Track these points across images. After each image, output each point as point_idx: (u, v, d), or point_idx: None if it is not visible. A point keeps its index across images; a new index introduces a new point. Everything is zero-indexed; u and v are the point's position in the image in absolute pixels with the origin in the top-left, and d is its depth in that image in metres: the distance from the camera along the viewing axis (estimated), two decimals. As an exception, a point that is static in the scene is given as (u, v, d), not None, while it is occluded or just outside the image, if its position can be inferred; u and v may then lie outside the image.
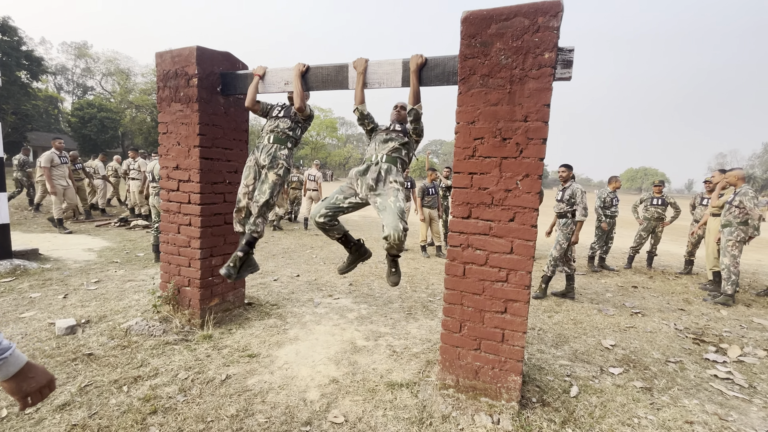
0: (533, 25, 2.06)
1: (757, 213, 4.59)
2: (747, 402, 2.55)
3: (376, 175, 2.55)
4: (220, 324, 3.31)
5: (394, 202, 2.44)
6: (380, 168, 2.57)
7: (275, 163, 2.89)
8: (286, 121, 3.00)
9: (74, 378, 2.41)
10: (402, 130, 2.71)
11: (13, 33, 25.52)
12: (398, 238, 2.35)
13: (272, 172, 2.88)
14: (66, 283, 4.22)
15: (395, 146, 2.63)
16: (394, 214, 2.39)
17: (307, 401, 2.32)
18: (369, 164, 2.61)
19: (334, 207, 2.64)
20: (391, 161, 2.59)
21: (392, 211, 2.41)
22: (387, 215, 2.41)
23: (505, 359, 2.26)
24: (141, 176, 8.78)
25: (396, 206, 2.43)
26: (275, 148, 2.93)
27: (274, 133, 2.96)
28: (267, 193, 2.84)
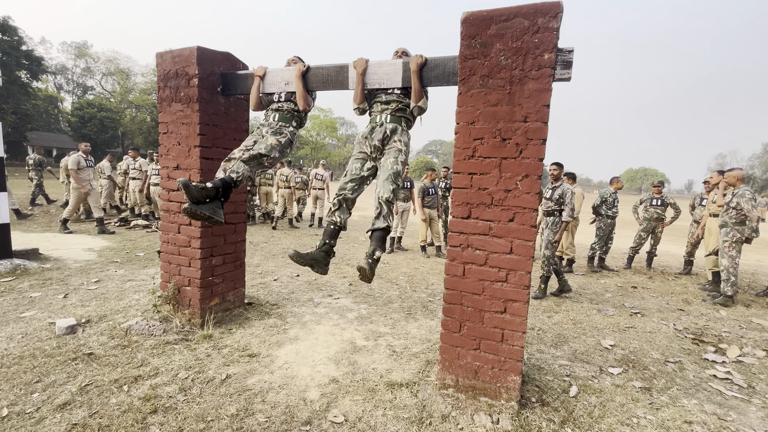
0: (533, 26, 2.06)
1: (755, 215, 4.59)
2: (746, 402, 2.56)
3: (382, 136, 2.52)
4: (220, 324, 3.32)
5: (393, 164, 2.45)
6: (385, 128, 2.53)
7: (279, 132, 2.86)
8: (290, 104, 2.99)
9: (74, 377, 2.41)
10: (401, 90, 2.62)
11: (13, 32, 25.54)
12: (387, 197, 2.40)
13: (274, 136, 2.82)
14: (66, 283, 4.22)
15: (398, 106, 2.57)
16: (387, 174, 2.42)
17: (307, 401, 2.33)
18: (374, 125, 2.58)
19: (356, 177, 2.59)
20: (395, 120, 2.54)
21: (386, 171, 2.44)
22: (381, 175, 2.46)
23: (504, 359, 2.26)
24: (141, 176, 8.80)
25: (393, 168, 2.44)
26: (280, 124, 2.92)
27: (279, 112, 2.95)
28: (262, 149, 2.74)
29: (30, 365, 2.52)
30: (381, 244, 2.44)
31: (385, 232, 2.46)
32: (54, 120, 42.84)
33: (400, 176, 2.48)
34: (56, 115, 43.02)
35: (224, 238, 3.42)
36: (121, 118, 35.74)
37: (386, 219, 2.45)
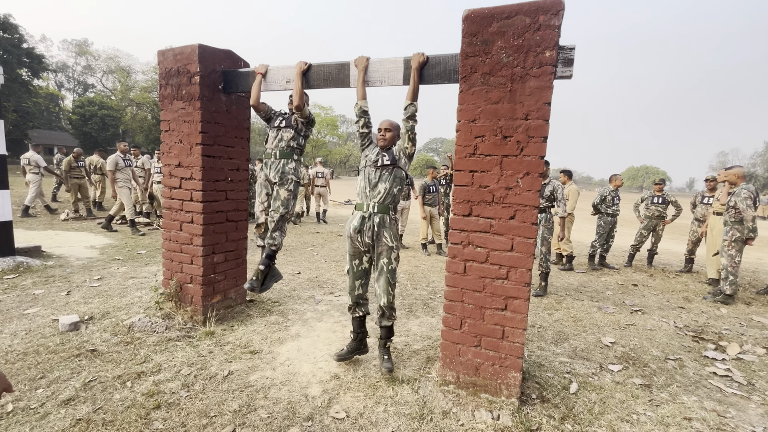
0: (534, 23, 2.06)
1: (749, 214, 4.57)
2: (745, 399, 2.57)
3: (371, 233, 2.54)
4: (222, 321, 3.33)
5: (387, 265, 2.56)
6: (373, 223, 2.53)
7: (285, 179, 3.03)
8: (289, 132, 3.06)
9: (78, 373, 2.43)
10: (391, 160, 2.57)
11: (13, 30, 25.53)
12: (389, 302, 2.60)
13: (283, 188, 3.03)
14: (69, 280, 4.24)
15: (386, 188, 2.54)
16: (385, 281, 2.57)
17: (309, 397, 2.34)
18: (362, 217, 2.56)
19: (360, 272, 2.69)
20: (383, 211, 2.54)
21: (383, 277, 2.57)
22: (380, 281, 2.59)
23: (505, 356, 2.27)
24: (144, 174, 8.82)
25: (387, 269, 2.56)
26: (282, 163, 3.04)
27: (279, 149, 3.06)
28: (281, 209, 3.02)
29: (34, 361, 2.54)
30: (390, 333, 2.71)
31: (392, 327, 2.71)
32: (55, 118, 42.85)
33: (396, 274, 2.62)
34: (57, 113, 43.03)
35: (226, 236, 3.43)
36: (122, 116, 35.72)
37: (390, 319, 2.66)
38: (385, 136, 2.60)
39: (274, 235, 3.05)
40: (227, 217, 3.43)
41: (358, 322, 2.79)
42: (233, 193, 3.47)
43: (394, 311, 2.67)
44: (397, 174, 2.58)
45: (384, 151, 2.60)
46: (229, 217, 3.45)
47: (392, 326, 2.71)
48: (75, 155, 9.03)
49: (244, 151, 3.55)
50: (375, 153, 2.62)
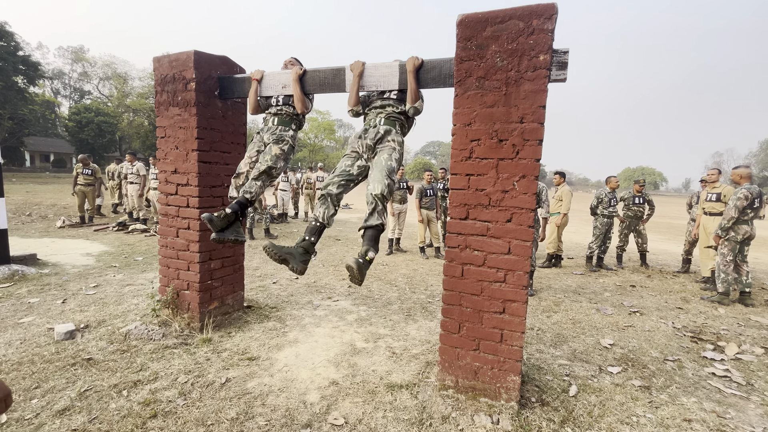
0: (528, 27, 2.08)
1: (728, 213, 4.59)
2: (745, 399, 2.57)
3: (374, 135, 2.51)
4: (219, 327, 3.31)
5: (386, 160, 2.42)
6: (378, 129, 2.53)
7: (281, 139, 2.90)
8: (288, 107, 3.01)
9: (74, 383, 2.40)
10: (398, 97, 2.64)
11: (9, 38, 25.50)
12: (381, 192, 2.32)
13: (277, 146, 2.86)
14: (64, 288, 4.21)
15: (393, 111, 2.59)
16: (381, 170, 2.38)
17: (307, 403, 2.32)
18: (368, 127, 2.58)
19: (345, 174, 2.55)
20: (389, 123, 2.55)
21: (380, 168, 2.39)
22: (374, 172, 2.40)
23: (503, 359, 2.27)
24: (140, 180, 8.79)
25: (386, 164, 2.40)
26: (280, 129, 2.94)
27: (278, 116, 2.97)
28: (269, 162, 2.79)
29: (29, 371, 2.51)
30: (374, 243, 2.33)
31: (378, 230, 2.37)
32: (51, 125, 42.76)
33: (395, 173, 2.44)
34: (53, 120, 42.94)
35: (223, 242, 3.41)
36: (118, 123, 35.66)
37: (380, 216, 2.36)
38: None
39: (252, 183, 2.79)
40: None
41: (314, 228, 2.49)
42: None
43: (386, 213, 2.45)
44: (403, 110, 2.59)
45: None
46: (226, 222, 3.44)
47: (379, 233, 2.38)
48: (82, 162, 8.97)
49: (241, 157, 3.55)
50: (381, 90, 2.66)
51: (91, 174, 8.88)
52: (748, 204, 4.55)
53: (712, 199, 5.40)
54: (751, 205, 4.57)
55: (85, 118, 33.58)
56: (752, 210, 4.59)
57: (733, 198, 4.59)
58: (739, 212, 4.55)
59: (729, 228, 4.63)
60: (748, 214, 4.60)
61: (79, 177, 8.79)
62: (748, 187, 4.60)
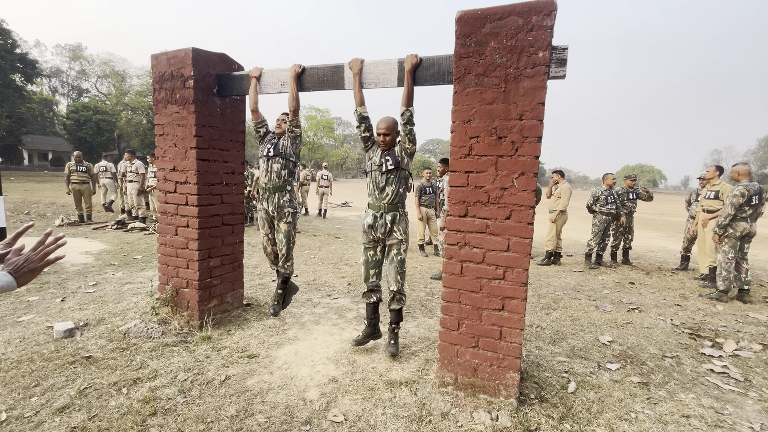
0: (527, 24, 2.07)
1: (725, 211, 4.60)
2: (742, 395, 2.58)
3: (384, 229, 2.76)
4: (218, 325, 3.31)
5: (396, 256, 2.77)
6: (385, 220, 2.75)
7: (282, 213, 3.17)
8: (279, 161, 3.12)
9: (73, 381, 2.41)
10: (394, 164, 2.67)
11: (6, 36, 25.37)
12: (399, 290, 2.81)
13: (283, 222, 3.18)
14: (63, 287, 4.21)
15: (393, 190, 2.72)
16: (393, 272, 2.77)
17: (307, 401, 2.33)
18: (374, 216, 2.78)
19: (373, 262, 2.88)
20: (393, 210, 2.75)
21: (393, 267, 2.78)
22: (390, 271, 2.79)
23: (503, 356, 2.27)
24: (138, 178, 8.77)
25: (396, 260, 2.77)
26: (277, 197, 3.15)
27: (272, 183, 3.14)
28: (286, 241, 3.21)
29: (28, 369, 2.51)
30: (399, 318, 2.92)
31: (401, 311, 2.92)
32: (49, 123, 42.60)
33: (404, 264, 2.81)
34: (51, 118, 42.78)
35: (222, 240, 3.41)
36: (116, 121, 35.54)
37: (400, 302, 2.86)
38: (385, 140, 2.71)
39: (287, 265, 3.28)
40: (223, 220, 3.41)
41: (372, 308, 2.98)
42: (229, 197, 3.45)
43: (404, 296, 2.88)
44: (401, 175, 2.75)
45: (386, 154, 2.72)
46: (225, 220, 3.44)
47: (401, 310, 2.92)
48: (76, 159, 8.68)
49: (240, 155, 3.54)
50: (378, 156, 2.76)
51: (85, 171, 8.63)
52: (745, 201, 4.55)
53: (711, 197, 5.41)
54: (748, 202, 4.56)
55: (83, 116, 33.46)
56: (750, 207, 4.58)
57: (730, 195, 4.60)
58: (735, 209, 4.55)
59: (726, 225, 4.64)
60: (746, 211, 4.59)
61: (72, 174, 8.53)
62: (745, 185, 4.59)
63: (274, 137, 3.18)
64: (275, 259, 3.39)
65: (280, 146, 3.12)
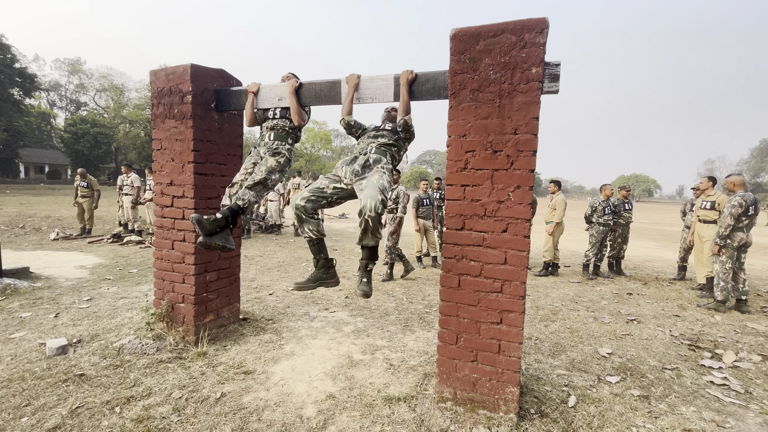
0: (520, 41, 2.12)
1: (725, 222, 4.63)
2: (744, 408, 2.56)
3: (363, 162, 2.49)
4: (214, 340, 3.27)
5: (378, 180, 2.36)
6: (369, 157, 2.51)
7: (277, 150, 2.92)
8: (285, 121, 3.06)
9: (65, 400, 2.36)
10: (392, 129, 2.73)
11: (6, 50, 25.58)
12: (374, 207, 2.19)
13: (273, 158, 2.87)
14: (57, 302, 4.15)
15: (386, 141, 2.65)
16: (375, 187, 2.29)
17: (304, 418, 2.29)
18: (357, 155, 2.61)
19: (317, 191, 2.52)
20: (380, 153, 2.56)
21: (373, 185, 2.31)
22: (366, 189, 2.30)
23: (502, 370, 2.25)
24: (134, 191, 8.76)
25: (378, 182, 2.33)
26: (276, 143, 2.97)
27: (274, 131, 3.01)
28: (264, 173, 2.78)
29: (19, 388, 2.46)
30: (373, 255, 2.44)
31: (375, 248, 2.42)
32: (47, 136, 42.65)
33: (387, 191, 2.36)
34: (49, 132, 42.84)
35: (218, 254, 3.40)
36: (114, 134, 35.66)
37: (374, 235, 2.33)
38: (390, 113, 2.80)
39: (245, 192, 2.74)
40: (220, 234, 3.40)
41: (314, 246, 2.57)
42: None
43: (379, 231, 2.34)
44: (396, 140, 2.69)
45: (387, 122, 2.78)
46: (222, 234, 3.42)
47: (376, 248, 2.42)
48: (80, 175, 9.00)
49: (237, 169, 3.55)
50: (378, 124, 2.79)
51: (86, 186, 8.85)
52: (743, 211, 4.60)
53: (707, 207, 5.46)
54: (745, 213, 4.61)
55: (81, 129, 33.55)
56: (747, 217, 4.63)
57: (728, 206, 4.64)
58: (734, 219, 4.59)
59: (727, 236, 4.67)
60: (743, 221, 4.64)
61: (78, 189, 8.84)
62: (742, 195, 4.65)
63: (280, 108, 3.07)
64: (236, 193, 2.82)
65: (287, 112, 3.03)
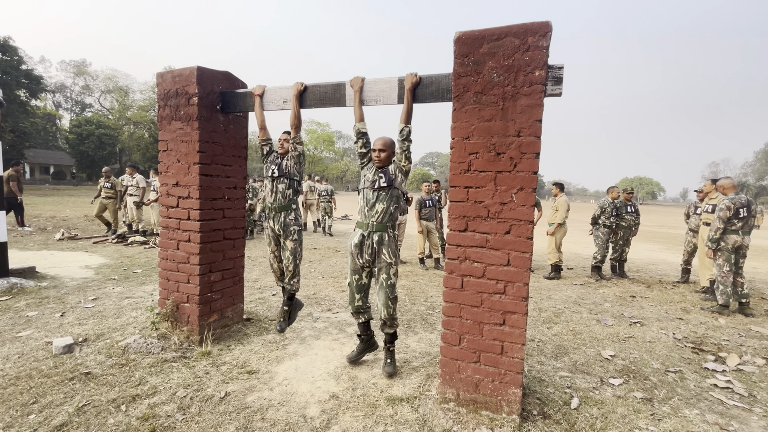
0: (523, 44, 2.13)
1: (714, 225, 4.63)
2: (747, 411, 2.56)
3: (371, 251, 2.70)
4: (218, 340, 3.29)
5: (386, 280, 2.70)
6: (372, 241, 2.69)
7: (288, 231, 3.21)
8: (283, 182, 3.18)
9: (72, 398, 2.38)
10: (387, 182, 2.67)
11: (13, 53, 25.86)
12: (390, 314, 2.73)
13: (289, 240, 3.22)
14: (63, 301, 4.19)
15: (383, 208, 2.68)
16: (385, 293, 2.70)
17: (307, 418, 2.31)
18: (362, 235, 2.72)
19: (360, 287, 2.84)
20: (381, 229, 2.69)
21: (383, 290, 2.70)
22: (380, 295, 2.72)
23: (504, 372, 2.26)
24: (139, 192, 8.82)
25: (387, 284, 2.70)
26: (283, 216, 3.21)
27: (278, 203, 3.19)
28: (292, 258, 3.25)
29: (26, 386, 2.49)
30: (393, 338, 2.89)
31: (395, 333, 2.89)
32: (52, 137, 43.00)
33: (395, 289, 2.74)
34: (54, 133, 43.20)
35: (223, 254, 3.43)
36: (119, 135, 35.92)
37: (392, 327, 2.81)
38: (380, 157, 2.71)
39: (293, 281, 3.32)
40: (224, 235, 3.43)
41: (363, 326, 2.97)
42: (230, 212, 3.48)
43: (396, 321, 2.81)
44: (394, 194, 2.72)
45: (380, 172, 2.72)
46: (227, 235, 3.45)
47: (395, 332, 2.88)
48: (105, 175, 9.10)
49: (242, 170, 3.58)
50: (372, 173, 2.75)
51: (110, 187, 8.91)
52: (732, 214, 4.59)
53: (709, 210, 5.45)
54: (736, 215, 4.60)
55: (86, 130, 33.81)
56: (739, 220, 4.61)
57: (717, 209, 4.66)
58: (723, 223, 4.59)
59: (718, 239, 4.67)
60: (736, 224, 4.63)
61: (102, 189, 8.90)
62: (731, 198, 4.66)
63: (277, 157, 3.24)
64: (281, 276, 3.42)
65: (284, 166, 3.17)
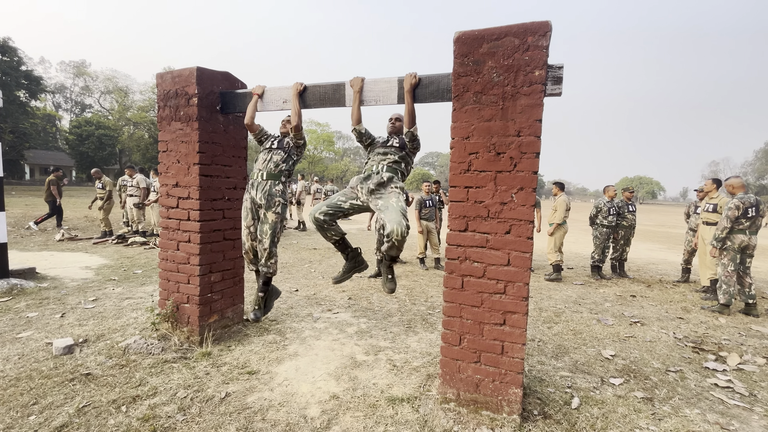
0: (523, 44, 2.13)
1: (721, 224, 4.63)
2: (748, 410, 2.55)
3: (378, 180, 2.66)
4: (219, 341, 3.29)
5: (396, 202, 2.55)
6: (382, 176, 2.68)
7: (272, 202, 3.00)
8: (279, 153, 3.10)
9: (72, 399, 2.38)
10: (400, 144, 2.81)
11: (12, 53, 25.86)
12: (401, 233, 2.44)
13: (271, 211, 2.99)
14: (63, 302, 4.19)
15: (394, 159, 2.75)
16: (397, 212, 2.50)
17: (308, 418, 2.30)
18: (370, 173, 2.72)
19: (335, 206, 2.75)
20: (391, 171, 2.71)
21: (395, 209, 2.52)
22: (389, 213, 2.50)
23: (505, 372, 2.26)
24: (139, 192, 8.81)
25: (398, 205, 2.54)
26: (269, 184, 3.03)
27: (267, 170, 3.06)
28: (270, 233, 3.00)
29: (26, 387, 2.49)
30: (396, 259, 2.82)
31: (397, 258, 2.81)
32: (52, 138, 42.99)
33: (407, 213, 2.59)
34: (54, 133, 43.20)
35: (223, 255, 3.42)
36: (118, 135, 35.92)
37: (399, 250, 2.59)
38: (395, 125, 2.87)
39: (269, 263, 3.07)
40: (224, 235, 3.43)
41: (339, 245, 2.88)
42: (230, 212, 3.48)
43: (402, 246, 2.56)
44: (404, 156, 2.78)
45: (394, 136, 2.85)
46: (227, 235, 3.45)
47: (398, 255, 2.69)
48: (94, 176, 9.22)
49: (242, 170, 3.58)
50: (385, 139, 2.86)
51: (102, 188, 8.98)
52: (741, 214, 4.58)
53: (710, 210, 5.45)
54: (744, 215, 4.59)
55: (85, 131, 33.81)
56: (747, 219, 4.61)
57: (726, 209, 4.65)
58: (731, 222, 4.59)
59: (724, 239, 4.66)
60: (743, 223, 4.62)
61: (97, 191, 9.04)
62: (740, 197, 4.64)
63: (278, 136, 3.22)
64: (254, 258, 3.17)
65: (285, 143, 3.14)
